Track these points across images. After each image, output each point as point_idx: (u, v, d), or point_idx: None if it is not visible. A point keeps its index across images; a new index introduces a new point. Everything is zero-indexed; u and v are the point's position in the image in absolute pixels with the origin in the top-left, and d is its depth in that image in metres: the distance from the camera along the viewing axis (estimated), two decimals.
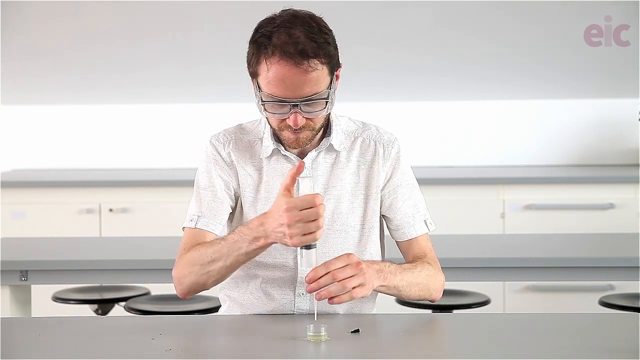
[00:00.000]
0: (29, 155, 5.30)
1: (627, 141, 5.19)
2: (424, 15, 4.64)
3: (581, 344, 1.88)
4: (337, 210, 2.16)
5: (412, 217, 2.19)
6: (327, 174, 2.17)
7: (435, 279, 2.15)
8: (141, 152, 5.28)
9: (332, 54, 2.02)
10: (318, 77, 2.00)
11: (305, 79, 1.99)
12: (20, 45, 4.81)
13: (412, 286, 2.09)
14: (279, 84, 2.00)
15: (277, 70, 1.99)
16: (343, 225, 2.16)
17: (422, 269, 2.13)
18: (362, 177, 2.18)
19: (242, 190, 2.18)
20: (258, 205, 2.16)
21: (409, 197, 2.20)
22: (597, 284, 4.40)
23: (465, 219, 4.62)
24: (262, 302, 2.17)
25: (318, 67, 1.99)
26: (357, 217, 2.17)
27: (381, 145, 2.19)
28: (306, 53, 1.98)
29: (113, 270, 3.03)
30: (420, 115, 5.24)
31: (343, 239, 2.16)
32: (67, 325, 2.06)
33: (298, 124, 2.03)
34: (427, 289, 2.13)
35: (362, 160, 2.18)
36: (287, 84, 1.99)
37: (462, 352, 1.84)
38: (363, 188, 2.17)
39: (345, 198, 2.16)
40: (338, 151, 2.17)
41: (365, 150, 2.18)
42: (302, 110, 2.02)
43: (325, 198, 2.15)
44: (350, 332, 1.94)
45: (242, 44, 2.23)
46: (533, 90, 5.15)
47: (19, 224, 4.68)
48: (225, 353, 1.86)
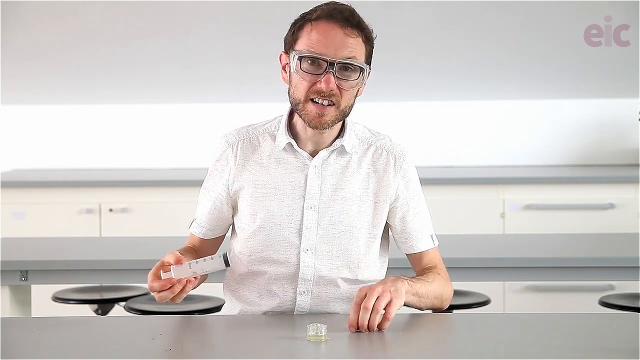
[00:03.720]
0: (29, 155, 5.30)
1: (627, 141, 5.19)
2: (424, 15, 4.64)
3: (581, 344, 1.88)
4: (344, 211, 2.16)
5: (421, 231, 2.22)
6: (338, 176, 2.17)
7: (446, 289, 2.20)
8: (141, 152, 5.28)
9: (370, 38, 2.12)
10: (358, 44, 2.09)
11: (347, 42, 2.07)
12: (20, 45, 4.81)
13: (429, 294, 2.13)
14: (320, 41, 2.06)
15: (322, 28, 2.07)
16: (349, 226, 2.16)
17: (433, 279, 2.17)
18: (372, 184, 2.18)
19: (247, 188, 2.18)
20: (265, 201, 2.16)
21: (420, 210, 2.23)
22: (597, 284, 4.39)
23: (465, 219, 4.62)
24: (264, 299, 2.17)
25: (360, 37, 2.09)
26: (363, 221, 2.17)
27: (393, 156, 2.20)
28: (351, 21, 2.07)
29: (113, 270, 3.03)
30: (420, 115, 5.24)
31: (348, 239, 2.16)
32: (67, 325, 2.06)
33: (329, 86, 2.06)
34: (440, 298, 2.18)
35: (373, 168, 2.19)
36: (329, 42, 2.06)
37: (462, 352, 1.85)
38: (372, 195, 2.18)
39: (353, 201, 2.17)
40: (350, 154, 2.18)
41: (377, 159, 2.20)
42: (337, 75, 2.07)
43: (333, 197, 2.16)
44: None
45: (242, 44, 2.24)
46: (533, 90, 5.15)
47: (19, 224, 4.68)
48: (225, 353, 1.86)
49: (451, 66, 4.95)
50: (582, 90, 5.13)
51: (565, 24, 4.64)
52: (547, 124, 5.22)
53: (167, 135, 5.25)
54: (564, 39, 4.72)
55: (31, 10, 4.59)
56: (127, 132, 5.27)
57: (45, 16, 4.64)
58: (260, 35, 4.58)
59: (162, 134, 5.26)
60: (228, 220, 2.23)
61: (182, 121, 5.23)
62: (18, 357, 1.82)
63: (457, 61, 4.92)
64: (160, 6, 4.61)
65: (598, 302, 3.39)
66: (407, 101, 5.23)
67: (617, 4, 4.47)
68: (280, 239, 2.15)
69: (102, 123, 5.28)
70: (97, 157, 5.28)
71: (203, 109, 5.18)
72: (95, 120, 5.29)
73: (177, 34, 4.77)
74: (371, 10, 2.38)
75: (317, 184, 2.16)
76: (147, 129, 5.27)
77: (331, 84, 2.06)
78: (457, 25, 4.70)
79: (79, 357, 1.81)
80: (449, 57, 4.90)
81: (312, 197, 2.15)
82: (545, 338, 1.91)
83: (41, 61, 4.94)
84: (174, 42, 4.80)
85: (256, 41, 4.62)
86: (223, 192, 2.20)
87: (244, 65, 4.87)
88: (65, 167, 5.28)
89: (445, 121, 5.24)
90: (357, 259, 2.17)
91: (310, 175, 2.16)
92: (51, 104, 5.27)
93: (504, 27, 4.70)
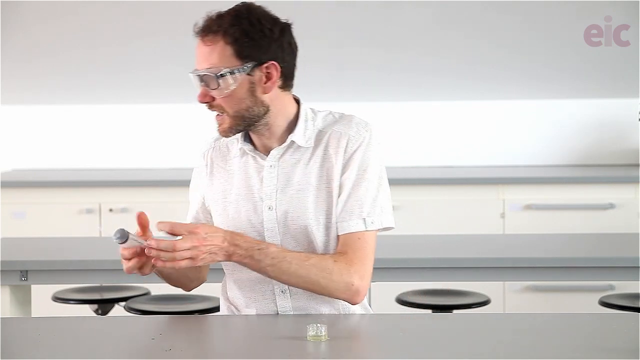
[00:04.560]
0: (29, 155, 5.30)
1: (627, 141, 5.19)
2: (424, 15, 4.64)
3: (581, 344, 1.88)
4: (301, 205, 2.13)
5: (350, 214, 2.11)
6: (292, 171, 2.15)
7: (332, 278, 2.07)
8: (141, 152, 5.28)
9: (236, 35, 2.07)
10: (214, 50, 2.08)
11: (204, 52, 2.10)
12: (20, 45, 4.81)
13: (292, 277, 2.06)
14: (196, 57, 2.14)
15: (197, 44, 2.14)
16: (308, 219, 2.13)
17: (316, 262, 2.07)
18: (325, 170, 2.14)
19: (217, 197, 2.21)
20: (230, 208, 2.18)
21: (355, 192, 2.12)
22: (597, 284, 4.39)
23: (465, 219, 4.62)
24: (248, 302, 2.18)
25: (220, 41, 2.07)
26: (321, 211, 2.13)
27: (346, 137, 2.14)
28: (206, 29, 2.08)
29: (113, 270, 3.02)
30: (420, 115, 5.24)
31: (309, 233, 2.13)
32: (67, 325, 2.06)
33: (201, 100, 2.13)
34: (317, 286, 2.07)
35: (326, 154, 2.15)
36: (197, 56, 2.12)
37: (462, 352, 1.84)
38: (325, 181, 2.14)
39: (310, 193, 2.13)
40: (305, 148, 2.15)
41: (331, 144, 2.15)
42: (206, 86, 2.12)
43: (290, 194, 2.14)
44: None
45: None
46: (533, 90, 5.15)
47: (19, 224, 4.68)
48: (225, 353, 1.86)
49: (451, 66, 4.95)
50: (582, 90, 5.13)
51: (565, 24, 4.64)
52: (547, 124, 5.21)
53: (167, 135, 5.25)
54: (564, 39, 4.72)
55: (31, 10, 4.59)
56: (127, 132, 5.27)
57: (45, 16, 4.64)
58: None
59: (162, 134, 5.26)
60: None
61: (182, 121, 5.22)
62: (18, 357, 1.82)
63: (457, 61, 4.92)
64: (160, 6, 4.61)
65: (598, 302, 3.38)
66: (407, 101, 5.23)
67: (617, 4, 4.47)
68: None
69: (102, 123, 5.28)
70: (97, 157, 5.28)
71: (203, 109, 5.16)
72: (95, 120, 5.28)
73: (177, 34, 4.75)
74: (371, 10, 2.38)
75: (272, 183, 2.15)
76: (147, 129, 5.27)
77: (200, 97, 2.13)
78: (457, 25, 4.70)
79: (79, 357, 1.81)
80: (449, 57, 4.89)
81: (269, 197, 2.15)
82: (545, 338, 1.91)
83: (41, 61, 4.94)
84: (174, 42, 4.80)
85: None
86: (200, 201, 2.27)
87: None
88: (65, 167, 5.28)
89: (445, 121, 5.24)
90: (321, 250, 2.13)
91: (266, 176, 2.15)
92: (51, 104, 5.27)
93: (504, 27, 4.70)
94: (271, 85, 2.11)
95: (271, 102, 2.12)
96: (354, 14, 4.56)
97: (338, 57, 4.87)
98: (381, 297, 3.52)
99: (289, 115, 2.17)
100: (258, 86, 2.10)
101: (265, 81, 2.10)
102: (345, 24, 4.65)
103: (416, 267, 3.00)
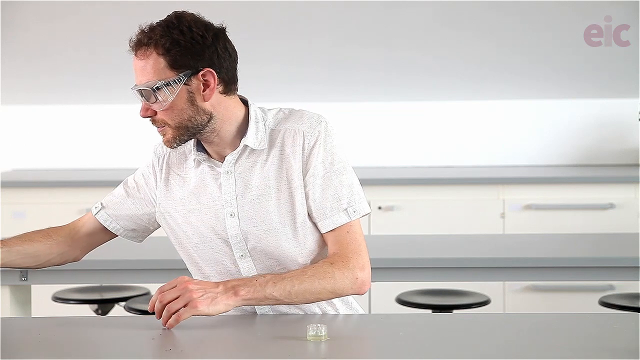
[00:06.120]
0: (29, 155, 5.30)
1: (627, 141, 5.19)
2: (424, 15, 4.64)
3: (581, 344, 1.88)
4: (263, 209, 2.10)
5: (330, 209, 2.09)
6: (250, 175, 2.12)
7: (336, 280, 2.04)
8: (141, 152, 5.27)
9: (171, 48, 2.05)
10: (148, 64, 2.05)
11: (138, 67, 2.07)
12: (21, 45, 4.81)
13: (299, 294, 2.02)
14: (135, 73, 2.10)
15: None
16: (272, 222, 2.10)
17: (314, 272, 2.04)
18: (284, 170, 2.11)
19: (174, 207, 2.19)
20: (191, 217, 2.16)
21: (327, 186, 2.09)
22: (597, 284, 4.39)
23: (465, 219, 4.62)
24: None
25: (152, 54, 2.05)
26: (285, 213, 2.10)
27: (301, 134, 2.11)
28: (139, 43, 2.07)
29: (113, 270, 3.03)
30: (419, 115, 5.24)
31: (275, 237, 2.10)
32: (67, 325, 2.06)
33: (142, 114, 2.13)
34: (325, 292, 2.05)
35: (283, 153, 2.11)
36: (135, 72, 2.09)
37: (462, 352, 1.84)
38: (286, 182, 2.11)
39: (271, 195, 2.10)
40: (260, 150, 2.12)
41: (286, 142, 2.12)
42: (147, 100, 2.09)
43: (250, 198, 2.11)
44: None
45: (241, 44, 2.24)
46: (533, 90, 5.15)
47: (19, 224, 4.68)
48: (225, 353, 1.86)
49: (451, 66, 4.95)
50: (582, 90, 5.13)
51: (565, 24, 4.64)
52: (547, 124, 5.22)
53: None
54: (564, 39, 4.72)
55: (31, 10, 4.59)
56: (127, 132, 5.27)
57: (45, 16, 4.64)
58: (260, 35, 4.57)
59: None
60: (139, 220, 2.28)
61: None
62: (18, 357, 1.82)
63: (457, 61, 4.92)
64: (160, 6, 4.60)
65: (598, 302, 3.39)
66: (406, 101, 5.23)
67: (617, 4, 4.47)
68: (214, 252, 2.14)
69: (102, 123, 5.28)
70: (97, 157, 5.28)
71: None
72: (95, 120, 5.29)
73: None
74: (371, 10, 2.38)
75: (231, 189, 2.12)
76: (147, 129, 5.26)
77: (142, 112, 2.12)
78: (458, 25, 4.70)
79: (79, 357, 1.81)
80: (449, 57, 4.90)
81: (229, 204, 2.11)
82: (545, 338, 1.90)
83: (41, 61, 4.94)
84: None
85: (256, 41, 4.62)
86: (148, 204, 2.27)
87: (242, 66, 4.86)
88: (65, 167, 5.28)
89: (445, 121, 5.24)
90: (293, 253, 2.11)
91: (223, 182, 2.12)
92: (51, 104, 5.27)
93: (504, 27, 4.70)
94: (210, 93, 2.07)
95: (214, 109, 2.09)
96: (354, 13, 4.56)
97: (338, 57, 4.87)
98: (381, 297, 3.52)
99: (237, 119, 2.12)
100: (197, 95, 2.06)
101: (203, 89, 2.06)
102: (345, 23, 4.65)
103: (416, 267, 3.00)
